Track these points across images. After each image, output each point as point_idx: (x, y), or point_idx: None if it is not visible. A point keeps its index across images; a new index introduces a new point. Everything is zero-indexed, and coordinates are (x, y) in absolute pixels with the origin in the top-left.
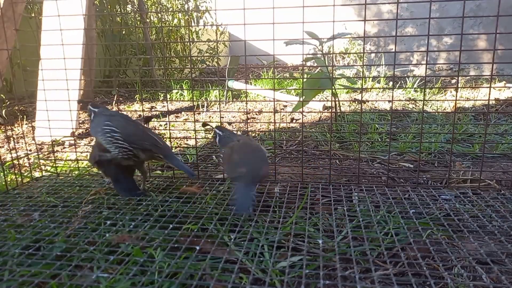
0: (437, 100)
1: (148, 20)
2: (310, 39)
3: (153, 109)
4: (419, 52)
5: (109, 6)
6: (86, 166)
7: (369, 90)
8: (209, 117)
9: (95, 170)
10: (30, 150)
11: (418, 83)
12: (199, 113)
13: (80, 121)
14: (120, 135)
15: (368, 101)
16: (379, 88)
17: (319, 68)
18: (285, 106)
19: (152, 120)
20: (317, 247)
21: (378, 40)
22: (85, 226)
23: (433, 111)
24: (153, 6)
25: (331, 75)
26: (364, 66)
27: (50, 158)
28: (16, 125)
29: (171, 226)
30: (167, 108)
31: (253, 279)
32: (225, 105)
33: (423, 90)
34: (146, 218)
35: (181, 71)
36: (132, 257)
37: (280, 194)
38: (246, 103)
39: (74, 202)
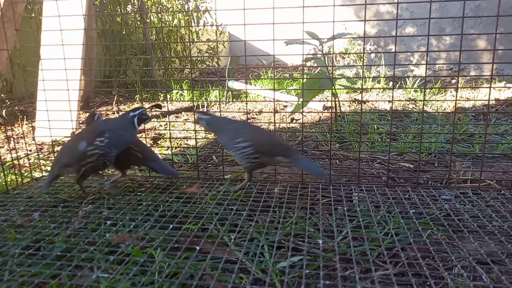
0: (437, 100)
1: (148, 20)
2: (310, 39)
3: (153, 109)
4: (419, 52)
5: (109, 6)
6: None
7: (369, 90)
8: None
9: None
10: (30, 150)
11: (418, 83)
12: None
13: (80, 121)
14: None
15: (368, 101)
16: (379, 88)
17: (319, 68)
18: (285, 106)
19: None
20: (317, 247)
21: (378, 40)
22: (85, 226)
23: (433, 111)
24: (153, 6)
25: (331, 75)
26: (364, 66)
27: (50, 158)
28: (16, 125)
29: (171, 226)
30: (167, 108)
31: (253, 279)
32: (225, 105)
33: (423, 90)
34: (146, 218)
35: (181, 71)
36: (132, 257)
37: (280, 194)
38: (246, 103)
39: (74, 202)
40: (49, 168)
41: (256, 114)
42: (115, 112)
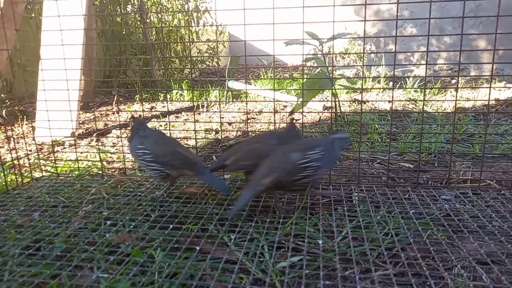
0: (437, 100)
1: (148, 21)
2: (310, 39)
3: (153, 109)
4: (419, 52)
5: (109, 6)
6: (86, 166)
7: (369, 90)
8: (209, 117)
9: (94, 170)
10: (30, 150)
11: (418, 83)
12: (199, 113)
13: (80, 121)
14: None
15: (368, 101)
16: (379, 88)
17: (319, 68)
18: (285, 106)
19: (149, 120)
20: (317, 247)
21: (378, 40)
22: (85, 226)
23: (433, 111)
24: (153, 7)
25: (331, 75)
26: (364, 66)
27: (50, 158)
28: (16, 125)
29: (171, 226)
30: (167, 108)
31: (253, 279)
32: (225, 105)
33: (423, 90)
34: (146, 218)
35: (181, 71)
36: (132, 258)
37: (280, 195)
38: (246, 103)
39: (74, 202)
40: (48, 168)
41: (256, 114)
42: (115, 112)
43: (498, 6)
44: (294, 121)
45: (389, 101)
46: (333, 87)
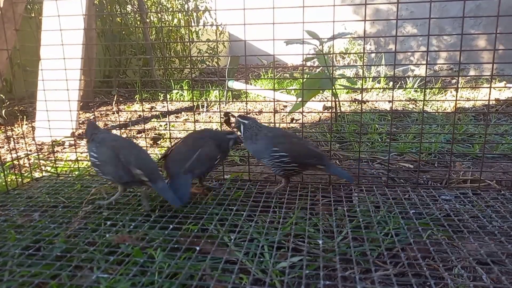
0: (437, 100)
1: (148, 20)
2: (310, 39)
3: (153, 109)
4: (419, 52)
5: (109, 6)
6: (86, 167)
7: (369, 90)
8: (209, 117)
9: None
10: (30, 151)
11: (418, 83)
12: (199, 113)
13: (80, 121)
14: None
15: (368, 101)
16: (379, 88)
17: (320, 68)
18: (285, 106)
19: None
20: (317, 248)
21: (378, 40)
22: (85, 226)
23: (433, 111)
24: (153, 6)
25: (331, 75)
26: (364, 66)
27: (50, 159)
28: (16, 125)
29: (171, 226)
30: (167, 108)
31: (253, 280)
32: (225, 105)
33: (423, 90)
34: (146, 218)
35: (181, 71)
36: (132, 258)
37: (280, 195)
38: (246, 103)
39: (74, 202)
40: (49, 168)
41: (256, 114)
42: (115, 112)
43: (498, 6)
44: (294, 121)
45: (389, 101)
46: (333, 87)
